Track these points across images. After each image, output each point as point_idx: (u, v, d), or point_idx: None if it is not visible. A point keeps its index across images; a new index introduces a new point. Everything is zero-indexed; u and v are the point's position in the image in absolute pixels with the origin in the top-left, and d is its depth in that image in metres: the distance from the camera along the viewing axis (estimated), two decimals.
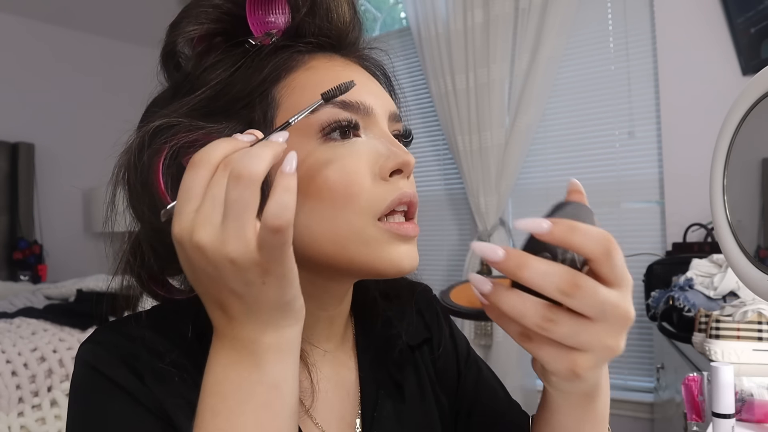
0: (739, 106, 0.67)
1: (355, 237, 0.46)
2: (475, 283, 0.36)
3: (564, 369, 0.36)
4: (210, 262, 0.37)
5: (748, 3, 2.04)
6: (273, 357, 0.39)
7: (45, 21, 3.33)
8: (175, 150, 0.45)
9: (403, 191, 0.47)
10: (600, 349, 0.35)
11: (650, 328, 2.17)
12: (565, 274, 0.33)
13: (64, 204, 3.40)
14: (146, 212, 0.46)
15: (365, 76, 0.52)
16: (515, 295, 0.35)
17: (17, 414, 1.76)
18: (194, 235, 0.37)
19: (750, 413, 0.83)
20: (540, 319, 0.34)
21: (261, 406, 0.39)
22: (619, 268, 0.35)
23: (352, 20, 0.54)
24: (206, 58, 0.50)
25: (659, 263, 1.94)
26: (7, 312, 2.21)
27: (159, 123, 0.46)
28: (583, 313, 0.34)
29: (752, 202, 0.73)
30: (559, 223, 0.34)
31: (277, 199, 0.35)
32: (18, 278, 3.08)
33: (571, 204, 0.38)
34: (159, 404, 0.44)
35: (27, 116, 3.26)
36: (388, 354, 0.58)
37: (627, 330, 0.36)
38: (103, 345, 0.47)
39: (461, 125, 2.65)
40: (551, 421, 0.47)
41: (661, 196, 2.30)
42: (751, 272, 0.66)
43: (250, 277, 0.37)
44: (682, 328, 1.41)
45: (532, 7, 2.46)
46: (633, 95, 2.37)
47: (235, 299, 0.38)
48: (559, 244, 0.34)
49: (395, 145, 0.48)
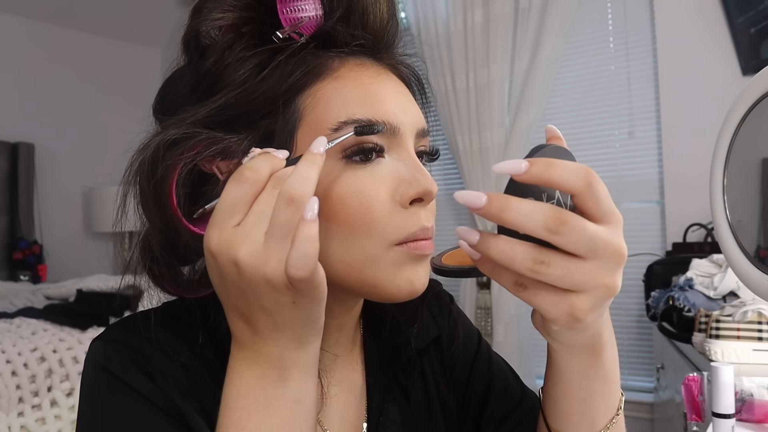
0: (739, 106, 0.67)
1: (368, 262, 0.45)
2: (462, 235, 0.35)
3: (563, 314, 0.35)
4: (245, 278, 0.37)
5: (748, 3, 2.04)
6: (297, 373, 0.40)
7: (45, 21, 3.33)
8: (191, 163, 0.44)
9: (422, 226, 0.46)
10: (596, 287, 0.34)
11: (650, 328, 2.17)
12: (550, 211, 0.33)
13: (64, 204, 3.40)
14: (158, 223, 0.45)
15: (396, 88, 0.49)
16: (504, 241, 0.34)
17: (17, 414, 1.76)
18: (234, 250, 0.37)
19: (750, 413, 0.83)
20: (531, 262, 0.33)
21: (287, 421, 0.39)
22: (604, 203, 0.34)
23: (389, 22, 0.51)
24: (231, 52, 0.47)
25: (659, 263, 1.94)
26: (7, 312, 2.21)
27: (174, 134, 0.44)
28: (574, 251, 0.33)
29: (752, 202, 0.73)
30: (536, 161, 0.33)
31: (299, 249, 0.35)
32: (18, 278, 3.08)
33: (549, 145, 0.37)
34: (172, 404, 0.44)
35: (27, 116, 3.25)
36: (396, 360, 0.58)
37: (621, 267, 0.35)
38: (113, 344, 0.46)
39: (461, 125, 2.65)
40: (559, 380, 0.46)
41: (661, 196, 2.30)
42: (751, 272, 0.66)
43: (283, 298, 0.37)
44: (682, 328, 1.41)
45: (532, 7, 2.46)
46: (633, 95, 2.37)
47: (263, 315, 0.38)
48: (539, 182, 0.33)
49: (419, 171, 0.46)
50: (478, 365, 0.64)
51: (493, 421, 0.61)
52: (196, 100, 0.47)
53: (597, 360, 0.43)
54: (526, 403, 0.61)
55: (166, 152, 0.44)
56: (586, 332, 0.39)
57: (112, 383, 0.44)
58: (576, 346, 0.42)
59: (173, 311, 0.50)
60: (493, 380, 0.63)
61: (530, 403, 0.61)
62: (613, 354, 0.45)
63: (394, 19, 0.52)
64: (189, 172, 0.44)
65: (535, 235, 0.33)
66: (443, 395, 0.61)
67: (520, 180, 0.34)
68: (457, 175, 2.82)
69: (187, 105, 0.47)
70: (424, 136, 0.50)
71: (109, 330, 0.48)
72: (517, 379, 0.65)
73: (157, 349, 0.46)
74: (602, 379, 0.44)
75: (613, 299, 0.37)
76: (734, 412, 0.74)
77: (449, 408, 0.61)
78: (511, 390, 0.63)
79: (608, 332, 0.43)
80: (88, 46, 3.52)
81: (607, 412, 0.46)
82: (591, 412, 0.46)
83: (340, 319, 0.54)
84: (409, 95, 0.52)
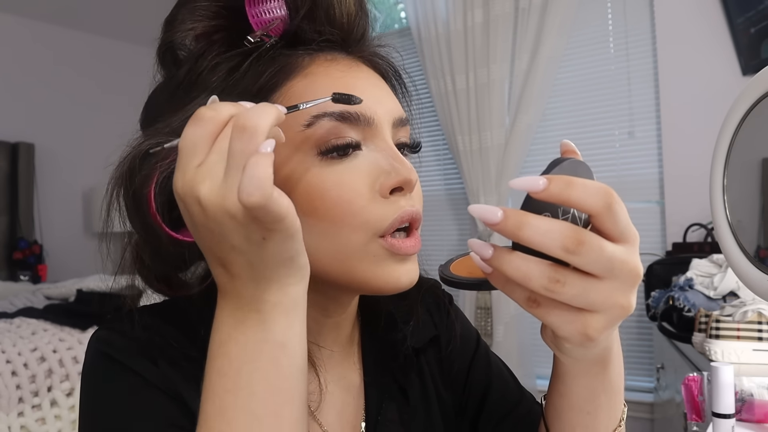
0: (739, 106, 0.67)
1: (355, 254, 0.45)
2: (475, 249, 0.34)
3: (576, 332, 0.34)
4: (210, 216, 0.36)
5: (748, 3, 2.04)
6: (278, 315, 0.39)
7: (45, 21, 3.33)
8: (167, 173, 0.43)
9: (404, 210, 0.46)
10: (611, 308, 0.34)
11: (650, 328, 2.17)
12: (568, 231, 0.32)
13: (64, 204, 3.40)
14: (141, 232, 0.45)
15: (369, 80, 0.49)
16: (519, 258, 0.33)
17: (17, 414, 1.76)
18: (196, 189, 0.36)
19: (750, 413, 0.83)
20: (546, 280, 0.33)
21: (268, 365, 0.38)
22: (622, 222, 0.33)
23: (357, 15, 0.51)
24: (203, 60, 0.48)
25: (659, 263, 1.94)
26: (7, 312, 2.21)
27: (148, 145, 0.44)
28: (591, 271, 0.33)
29: (752, 202, 0.73)
30: (555, 179, 0.32)
31: (248, 173, 0.34)
32: (18, 278, 3.08)
33: (567, 160, 0.36)
34: (174, 387, 0.44)
35: (27, 116, 3.26)
36: (393, 359, 0.58)
37: (636, 286, 0.34)
38: (115, 331, 0.47)
39: (461, 125, 2.65)
40: (565, 393, 0.45)
41: (661, 196, 2.30)
42: (751, 272, 0.66)
43: (251, 233, 0.36)
44: (682, 328, 1.41)
45: (532, 7, 2.46)
46: (633, 95, 2.37)
47: (236, 255, 0.37)
48: (557, 201, 0.32)
49: (397, 160, 0.46)
50: (476, 366, 0.64)
51: (490, 422, 0.61)
52: (173, 110, 0.47)
53: (604, 372, 0.43)
54: (523, 404, 0.61)
55: (142, 163, 0.44)
56: (597, 348, 0.39)
57: (115, 367, 0.45)
58: (586, 361, 0.42)
59: (172, 305, 0.51)
60: (491, 381, 0.63)
61: (528, 405, 0.62)
62: (620, 367, 0.45)
63: (362, 11, 0.51)
64: (166, 181, 0.43)
65: (552, 254, 0.32)
66: (441, 395, 0.61)
67: (537, 198, 0.33)
68: (457, 175, 2.82)
69: (165, 116, 0.47)
70: (403, 125, 0.50)
71: (109, 321, 0.49)
72: (515, 381, 0.65)
73: (158, 336, 0.46)
74: (608, 392, 0.44)
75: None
76: (734, 412, 0.74)
77: (447, 407, 0.61)
78: (509, 391, 0.63)
79: (616, 345, 0.43)
80: (89, 46, 3.53)
81: (610, 423, 0.46)
82: (595, 424, 0.46)
83: (335, 318, 0.54)
84: (385, 86, 0.51)
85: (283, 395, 0.38)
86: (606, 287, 0.33)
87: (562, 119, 2.52)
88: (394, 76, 0.56)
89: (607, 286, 0.33)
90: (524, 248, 0.33)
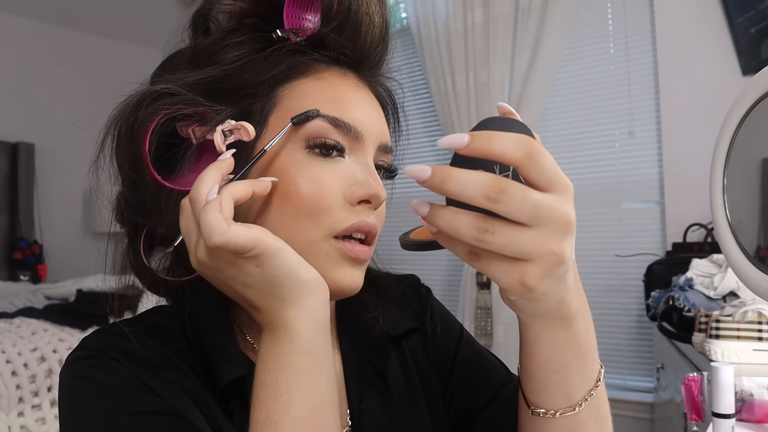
0: (739, 106, 0.67)
1: (308, 248, 0.47)
2: (414, 208, 0.36)
3: (515, 282, 0.36)
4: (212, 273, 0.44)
5: (748, 3, 2.04)
6: (303, 327, 0.43)
7: (45, 21, 3.34)
8: (170, 117, 0.48)
9: (363, 221, 0.49)
10: (544, 255, 0.34)
11: (650, 328, 2.17)
12: (489, 180, 0.33)
13: (64, 204, 3.40)
14: (126, 167, 0.49)
15: (370, 102, 0.53)
16: (449, 211, 0.35)
17: (17, 414, 1.77)
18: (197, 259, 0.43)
19: (750, 413, 0.83)
20: (476, 230, 0.34)
21: (301, 372, 0.42)
22: (548, 171, 0.34)
23: (378, 45, 0.55)
24: (232, 35, 0.52)
25: (659, 263, 1.94)
26: (7, 312, 2.21)
27: (162, 88, 0.48)
28: (517, 219, 0.34)
29: (752, 202, 0.73)
30: (477, 134, 0.33)
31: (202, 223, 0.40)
32: (18, 278, 3.09)
33: (497, 118, 0.36)
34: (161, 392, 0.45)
35: (27, 116, 3.26)
36: (369, 342, 0.59)
37: (570, 234, 0.35)
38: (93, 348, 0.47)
39: (461, 125, 2.65)
40: (531, 353, 0.46)
41: (661, 196, 2.30)
42: (751, 272, 0.66)
43: (245, 267, 0.42)
44: (682, 328, 1.41)
45: (532, 7, 2.46)
46: (633, 95, 2.37)
47: (249, 291, 0.43)
48: (480, 155, 0.33)
49: (373, 176, 0.50)
50: (461, 351, 0.65)
51: (480, 403, 0.61)
52: (191, 69, 0.52)
53: (567, 330, 0.43)
54: (511, 384, 0.62)
55: (150, 101, 0.48)
56: (548, 301, 0.39)
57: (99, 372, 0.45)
58: (542, 316, 0.42)
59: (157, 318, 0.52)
60: (477, 364, 0.64)
61: (515, 384, 0.62)
62: (587, 325, 0.44)
63: (384, 44, 0.55)
64: (165, 127, 0.48)
65: (476, 203, 0.33)
66: (426, 381, 0.62)
67: (462, 153, 0.34)
68: None
69: (183, 71, 0.51)
70: (386, 152, 0.54)
71: (91, 335, 0.49)
72: (502, 364, 0.66)
73: (142, 346, 0.47)
74: (575, 351, 0.44)
75: (613, 299, 0.36)
76: (734, 412, 0.74)
77: (434, 394, 0.62)
78: (497, 373, 0.64)
79: (578, 302, 0.43)
80: (88, 46, 3.53)
81: (584, 383, 0.45)
82: (566, 384, 0.45)
83: None
84: (381, 113, 0.55)
85: (318, 398, 0.43)
86: (535, 235, 0.34)
87: (562, 119, 2.52)
88: (392, 109, 0.60)
89: (537, 233, 0.34)
90: (460, 205, 0.35)
